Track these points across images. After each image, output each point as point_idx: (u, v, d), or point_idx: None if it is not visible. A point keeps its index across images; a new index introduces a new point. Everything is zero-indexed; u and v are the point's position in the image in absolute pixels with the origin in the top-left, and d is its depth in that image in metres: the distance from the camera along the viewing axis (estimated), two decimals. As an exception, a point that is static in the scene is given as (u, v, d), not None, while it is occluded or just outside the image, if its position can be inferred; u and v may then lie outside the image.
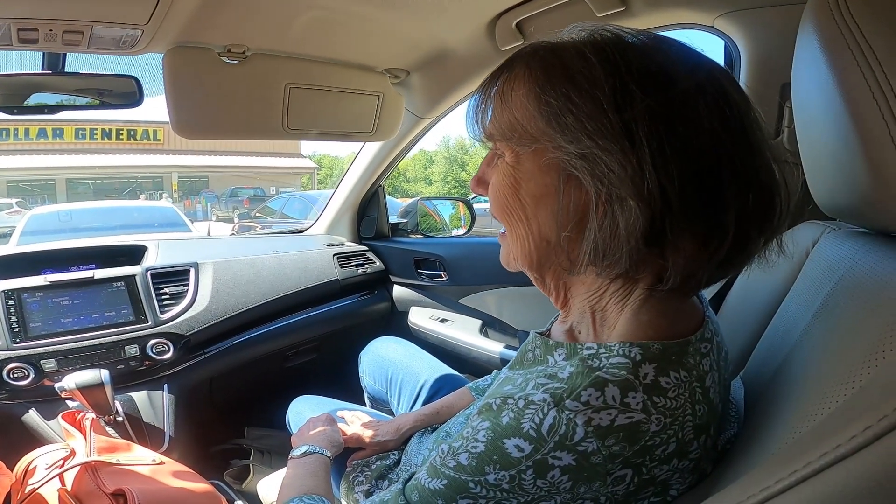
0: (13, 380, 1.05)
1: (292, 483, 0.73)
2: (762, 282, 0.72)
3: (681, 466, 0.44)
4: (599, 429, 0.40)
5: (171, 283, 1.33)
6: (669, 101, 0.38)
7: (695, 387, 0.43)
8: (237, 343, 1.39)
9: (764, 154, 0.42)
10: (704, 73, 0.41)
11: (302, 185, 18.94)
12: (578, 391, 0.41)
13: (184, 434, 1.17)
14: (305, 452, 0.79)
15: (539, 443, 0.41)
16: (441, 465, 0.46)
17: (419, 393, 1.07)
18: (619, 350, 0.43)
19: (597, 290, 0.48)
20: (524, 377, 0.46)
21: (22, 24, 0.84)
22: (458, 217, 2.14)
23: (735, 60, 0.98)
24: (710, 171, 0.39)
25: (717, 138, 0.39)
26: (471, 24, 1.05)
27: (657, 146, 0.37)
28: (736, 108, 0.40)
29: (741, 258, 0.44)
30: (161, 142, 16.49)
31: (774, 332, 0.60)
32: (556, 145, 0.41)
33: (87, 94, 1.04)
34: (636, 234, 0.39)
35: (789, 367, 0.48)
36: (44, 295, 1.18)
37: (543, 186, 0.44)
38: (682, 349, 0.44)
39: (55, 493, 0.71)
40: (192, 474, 0.87)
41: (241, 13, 0.93)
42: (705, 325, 0.48)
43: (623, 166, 0.38)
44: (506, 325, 1.52)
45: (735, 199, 0.40)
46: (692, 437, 0.44)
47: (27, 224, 5.21)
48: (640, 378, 0.41)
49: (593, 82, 0.39)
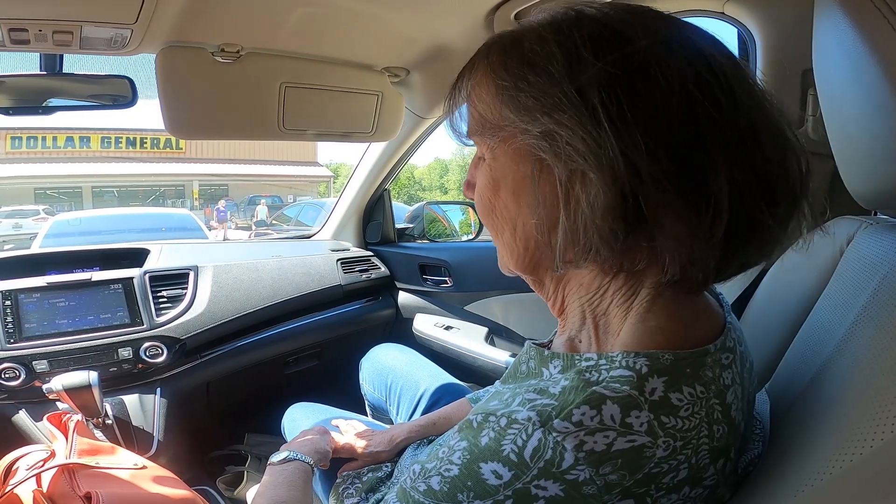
0: (4, 380, 1.04)
1: (265, 492, 0.68)
2: (791, 284, 0.65)
3: (693, 495, 0.38)
4: (593, 454, 0.34)
5: (170, 287, 1.31)
6: (625, 59, 0.34)
7: (713, 404, 0.37)
8: (236, 348, 1.36)
9: (766, 114, 0.36)
10: (672, 30, 0.36)
11: (319, 194, 19.24)
12: (570, 409, 0.35)
13: (175, 439, 1.14)
14: (286, 458, 0.74)
15: (520, 469, 0.35)
16: (410, 487, 0.40)
17: (418, 402, 1.02)
18: (622, 361, 0.36)
19: (596, 290, 0.42)
20: (512, 392, 0.40)
21: (11, 25, 0.83)
22: (467, 223, 2.08)
23: (750, 49, 0.92)
24: (687, 134, 0.33)
25: (692, 97, 0.33)
26: (468, 17, 1.01)
27: (616, 111, 0.33)
28: (718, 66, 0.35)
29: (753, 241, 0.37)
30: (183, 150, 16.96)
31: (806, 340, 0.53)
32: (520, 129, 0.38)
33: (82, 94, 1.03)
34: (604, 211, 0.34)
35: (824, 380, 0.42)
36: (41, 296, 1.17)
37: (520, 179, 0.40)
38: (698, 360, 0.37)
39: (30, 494, 0.69)
40: (175, 480, 0.84)
41: (230, 11, 0.91)
42: (726, 332, 0.41)
43: (583, 140, 0.34)
44: (512, 333, 1.46)
45: (724, 165, 0.34)
46: (708, 462, 0.37)
47: (50, 229, 5.38)
48: (645, 394, 0.35)
49: (547, 58, 0.36)
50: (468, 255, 1.60)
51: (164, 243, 1.46)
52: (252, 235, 8.35)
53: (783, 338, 0.60)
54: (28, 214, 11.10)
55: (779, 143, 0.36)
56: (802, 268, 0.64)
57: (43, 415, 0.96)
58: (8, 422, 1.06)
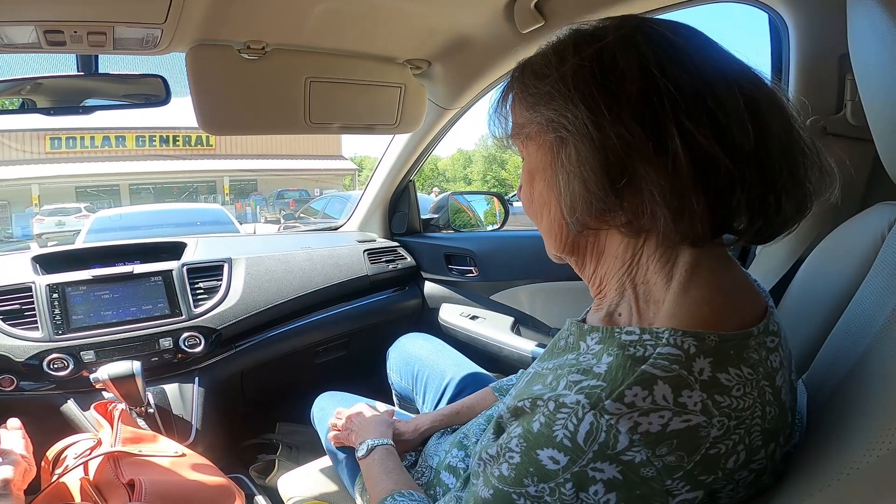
0: (53, 370, 1.09)
1: (372, 489, 0.73)
2: (829, 272, 0.63)
3: (738, 478, 0.38)
4: (648, 435, 0.35)
5: (206, 278, 1.36)
6: (596, 52, 0.41)
7: (763, 385, 0.38)
8: (268, 338, 1.40)
9: (728, 81, 0.40)
10: (638, 27, 0.42)
11: (344, 186, 19.46)
12: (621, 390, 0.36)
13: (211, 427, 1.18)
14: (369, 449, 0.78)
15: (575, 453, 0.36)
16: (489, 473, 0.43)
17: (444, 391, 1.03)
18: (669, 339, 0.37)
19: (630, 258, 0.44)
20: (554, 373, 0.41)
21: (47, 27, 0.86)
22: (492, 213, 2.07)
23: (783, 36, 0.89)
24: (647, 101, 0.39)
25: (648, 73, 0.39)
26: (489, 7, 1.00)
27: (587, 91, 0.41)
28: (679, 46, 0.41)
29: (725, 189, 0.39)
30: (213, 147, 17.41)
31: (846, 330, 0.51)
32: (535, 124, 0.45)
33: (117, 94, 1.07)
34: (592, 170, 0.40)
35: (863, 370, 0.40)
36: (87, 289, 1.23)
37: (546, 167, 0.46)
38: (742, 342, 0.39)
39: (77, 483, 0.72)
40: (212, 467, 0.87)
41: (255, 9, 0.93)
42: (769, 315, 0.42)
43: (567, 117, 0.41)
44: (538, 323, 1.45)
45: (678, 121, 0.38)
46: (760, 444, 0.38)
47: (92, 225, 5.63)
48: (694, 373, 0.36)
49: (545, 65, 0.45)
50: (493, 244, 1.59)
51: (199, 237, 1.51)
52: (281, 229, 8.52)
53: (821, 328, 0.58)
54: (70, 212, 11.57)
55: (740, 104, 0.39)
56: (842, 255, 0.61)
57: (89, 404, 1.00)
58: (57, 411, 1.12)
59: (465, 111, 1.48)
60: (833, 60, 0.82)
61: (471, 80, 1.30)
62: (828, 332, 0.54)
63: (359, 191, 2.27)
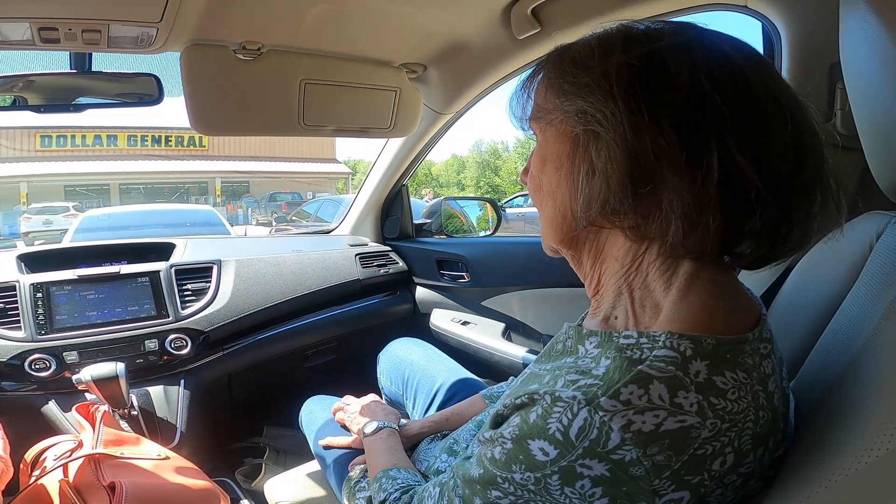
0: (35, 371, 1.07)
1: (378, 460, 0.76)
2: (818, 280, 0.63)
3: (727, 482, 0.38)
4: (641, 434, 0.35)
5: (194, 280, 1.34)
6: (647, 54, 0.41)
7: (757, 390, 0.39)
8: (257, 341, 1.39)
9: (780, 106, 0.40)
10: (697, 36, 0.42)
11: (337, 190, 19.43)
12: (618, 388, 0.36)
13: (197, 430, 1.16)
14: (378, 428, 0.83)
15: (565, 448, 0.37)
16: (482, 454, 0.45)
17: (434, 397, 1.02)
18: (666, 341, 0.38)
19: (630, 262, 0.44)
20: (552, 374, 0.42)
21: (42, 24, 0.86)
22: (485, 219, 2.07)
23: (776, 44, 0.90)
24: (691, 111, 0.39)
25: (699, 84, 0.39)
26: (485, 13, 1.01)
27: (630, 90, 0.40)
28: (735, 63, 0.40)
29: (747, 211, 0.39)
30: (206, 148, 17.31)
31: (833, 338, 0.51)
32: (563, 111, 0.45)
33: (110, 93, 1.06)
34: (617, 167, 0.40)
35: (851, 377, 0.41)
36: (72, 289, 1.21)
37: (562, 156, 0.46)
38: (737, 347, 0.39)
39: (57, 485, 0.71)
40: (196, 471, 0.85)
41: (251, 9, 0.93)
42: (762, 323, 0.42)
43: (602, 112, 0.40)
44: (529, 329, 1.45)
45: (720, 136, 0.38)
46: (749, 448, 0.38)
47: (80, 224, 5.55)
48: (690, 375, 0.36)
49: (588, 56, 0.44)
50: (485, 250, 1.59)
51: (188, 238, 1.49)
52: (272, 231, 8.48)
53: (810, 335, 0.58)
54: (58, 211, 11.42)
55: (787, 129, 0.39)
56: (830, 263, 0.62)
57: (71, 405, 0.98)
58: (37, 412, 1.09)
59: (459, 116, 1.49)
60: (824, 69, 0.83)
61: (466, 85, 1.31)
62: (816, 340, 0.55)
63: (352, 194, 2.26)
